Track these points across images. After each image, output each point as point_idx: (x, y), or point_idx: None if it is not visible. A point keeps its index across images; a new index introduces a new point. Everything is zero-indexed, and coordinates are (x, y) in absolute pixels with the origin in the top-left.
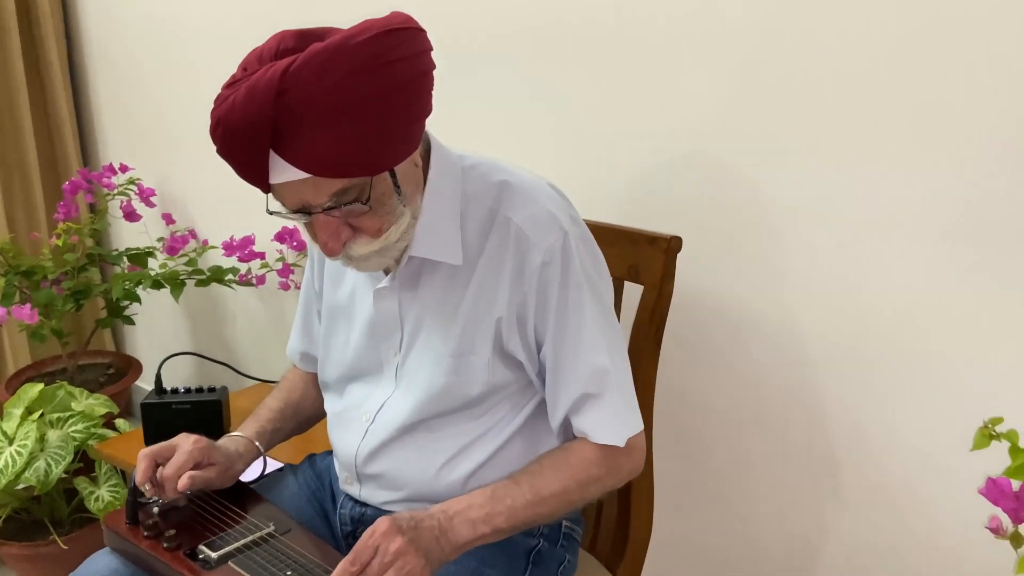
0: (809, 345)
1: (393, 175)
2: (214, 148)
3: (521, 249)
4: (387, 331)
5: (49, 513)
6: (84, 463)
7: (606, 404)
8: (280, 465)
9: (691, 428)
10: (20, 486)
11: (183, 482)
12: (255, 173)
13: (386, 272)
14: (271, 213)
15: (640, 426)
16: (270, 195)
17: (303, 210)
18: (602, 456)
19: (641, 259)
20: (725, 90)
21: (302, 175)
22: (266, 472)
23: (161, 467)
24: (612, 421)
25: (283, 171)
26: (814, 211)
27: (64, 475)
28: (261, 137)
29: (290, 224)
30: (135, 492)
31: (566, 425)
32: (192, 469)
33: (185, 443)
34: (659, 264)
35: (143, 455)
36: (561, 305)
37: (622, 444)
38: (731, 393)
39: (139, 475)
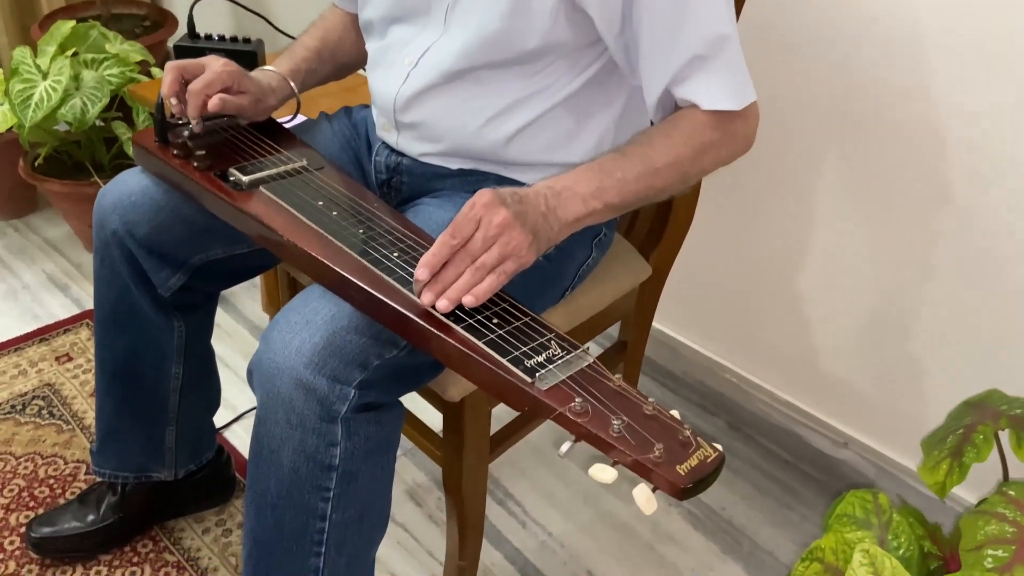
0: (923, 42)
1: None
2: None
3: None
4: None
5: (90, 157)
6: (122, 112)
7: (718, 68)
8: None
9: (765, 122)
10: (58, 125)
11: (214, 102)
12: None
13: None
14: None
15: (754, 95)
16: None
17: None
18: (716, 121)
19: None
20: None
21: None
22: (298, 117)
23: (189, 83)
24: (725, 85)
25: None
26: None
27: (102, 123)
28: None
29: None
30: (162, 108)
31: (664, 101)
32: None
33: (215, 63)
34: None
35: (170, 67)
36: None
37: (738, 108)
38: (820, 90)
39: (165, 87)
